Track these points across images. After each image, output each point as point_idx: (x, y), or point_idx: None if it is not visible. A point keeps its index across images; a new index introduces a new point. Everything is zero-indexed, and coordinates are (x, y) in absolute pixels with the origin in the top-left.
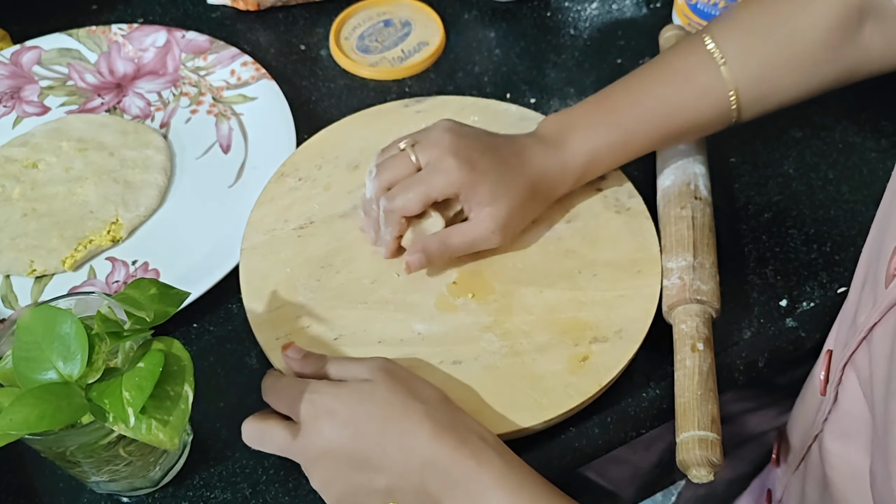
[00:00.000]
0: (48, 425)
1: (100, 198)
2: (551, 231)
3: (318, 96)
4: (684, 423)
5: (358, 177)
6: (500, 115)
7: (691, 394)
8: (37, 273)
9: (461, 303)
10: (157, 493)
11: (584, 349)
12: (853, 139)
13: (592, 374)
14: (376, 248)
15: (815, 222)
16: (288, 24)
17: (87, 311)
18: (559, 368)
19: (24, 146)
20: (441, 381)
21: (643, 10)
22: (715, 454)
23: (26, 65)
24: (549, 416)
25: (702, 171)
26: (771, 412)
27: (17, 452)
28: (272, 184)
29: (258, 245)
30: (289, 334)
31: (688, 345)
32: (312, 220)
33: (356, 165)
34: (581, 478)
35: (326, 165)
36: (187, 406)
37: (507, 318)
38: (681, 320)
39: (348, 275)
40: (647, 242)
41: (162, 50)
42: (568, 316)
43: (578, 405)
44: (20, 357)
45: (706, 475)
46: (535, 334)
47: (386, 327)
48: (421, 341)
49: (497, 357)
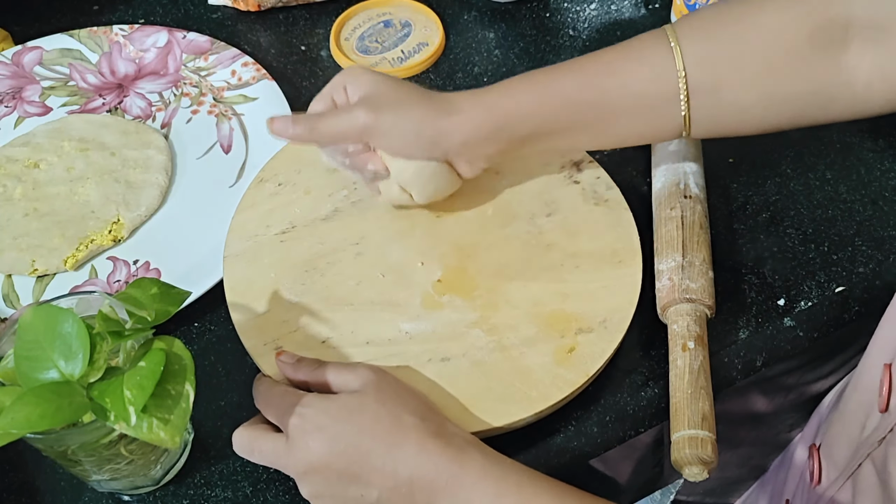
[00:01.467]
0: (49, 424)
1: (101, 197)
2: (532, 225)
3: None
4: (676, 423)
5: (337, 180)
6: None
7: (682, 393)
8: (38, 272)
9: (447, 300)
10: (158, 491)
11: (571, 340)
12: (850, 139)
13: (580, 364)
14: (360, 250)
15: (812, 222)
16: (288, 24)
17: (89, 310)
18: (546, 360)
19: (25, 146)
20: (430, 380)
21: (642, 11)
22: (706, 452)
23: (28, 65)
24: (538, 407)
25: (693, 168)
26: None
27: (18, 451)
28: (252, 190)
29: (241, 252)
30: (276, 339)
31: (679, 344)
32: (294, 225)
33: (335, 169)
34: (583, 472)
35: (305, 169)
36: (188, 405)
37: (493, 313)
38: (672, 321)
39: (333, 277)
40: (627, 232)
41: (163, 50)
42: (553, 308)
43: (567, 396)
44: (22, 356)
45: (699, 473)
46: (522, 328)
47: (373, 328)
48: (409, 340)
49: (485, 352)
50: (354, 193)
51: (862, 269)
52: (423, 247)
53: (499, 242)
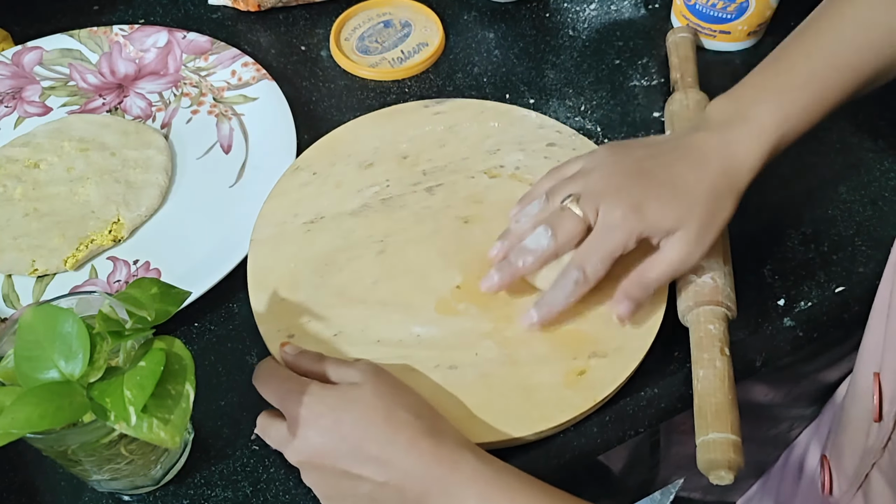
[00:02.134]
0: (50, 424)
1: (101, 197)
2: None
3: (318, 97)
4: (715, 424)
5: (369, 176)
6: (518, 122)
7: (723, 395)
8: (38, 272)
9: (463, 307)
10: (158, 491)
11: (583, 363)
12: (850, 139)
13: (588, 389)
14: (382, 248)
15: (812, 222)
16: (288, 24)
17: (89, 310)
18: (555, 381)
19: (25, 146)
20: (434, 386)
21: (641, 12)
22: (740, 457)
23: (28, 65)
24: (539, 428)
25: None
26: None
27: (18, 451)
28: (286, 177)
29: (267, 238)
30: (289, 328)
31: (717, 347)
32: (322, 216)
33: (369, 164)
34: (582, 472)
35: (339, 163)
36: (188, 405)
37: (508, 325)
38: (708, 320)
39: (351, 273)
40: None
41: (163, 50)
42: (569, 328)
43: (570, 420)
44: (22, 356)
45: (726, 477)
46: (535, 344)
47: (385, 327)
48: (419, 344)
49: (494, 365)
50: (385, 191)
51: (862, 269)
52: (447, 251)
53: None
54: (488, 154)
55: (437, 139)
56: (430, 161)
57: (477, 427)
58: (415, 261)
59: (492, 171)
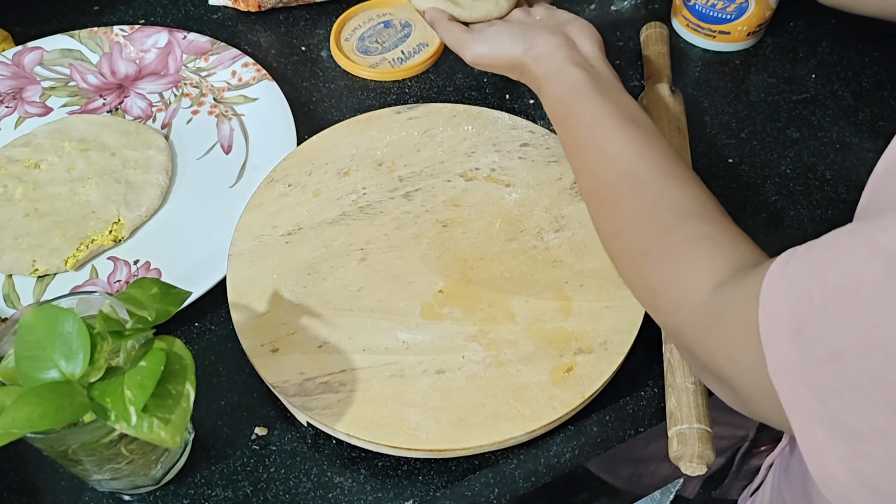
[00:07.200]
0: (50, 424)
1: (102, 198)
2: (539, 240)
3: (318, 97)
4: (674, 417)
5: (347, 184)
6: (491, 124)
7: (679, 388)
8: (39, 272)
9: (447, 311)
10: (158, 491)
11: (569, 360)
12: (850, 139)
13: (576, 385)
14: (364, 256)
15: (812, 222)
16: (289, 25)
17: (89, 310)
18: (543, 379)
19: (26, 146)
20: (424, 392)
21: (641, 12)
22: (705, 446)
23: (28, 65)
24: (530, 427)
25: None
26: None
27: (18, 451)
28: (262, 189)
29: (246, 251)
30: (273, 341)
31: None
32: (301, 227)
33: (346, 172)
34: (582, 471)
35: (316, 172)
36: (189, 404)
37: (493, 327)
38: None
39: (335, 282)
40: None
41: (163, 51)
42: (554, 326)
43: (561, 417)
44: (22, 356)
45: (698, 467)
46: (520, 344)
47: (371, 335)
48: (405, 350)
49: (481, 367)
50: (363, 198)
51: None
52: (428, 256)
53: (504, 256)
54: (464, 157)
55: (413, 144)
56: (407, 166)
57: (469, 430)
58: (397, 267)
59: (468, 174)
